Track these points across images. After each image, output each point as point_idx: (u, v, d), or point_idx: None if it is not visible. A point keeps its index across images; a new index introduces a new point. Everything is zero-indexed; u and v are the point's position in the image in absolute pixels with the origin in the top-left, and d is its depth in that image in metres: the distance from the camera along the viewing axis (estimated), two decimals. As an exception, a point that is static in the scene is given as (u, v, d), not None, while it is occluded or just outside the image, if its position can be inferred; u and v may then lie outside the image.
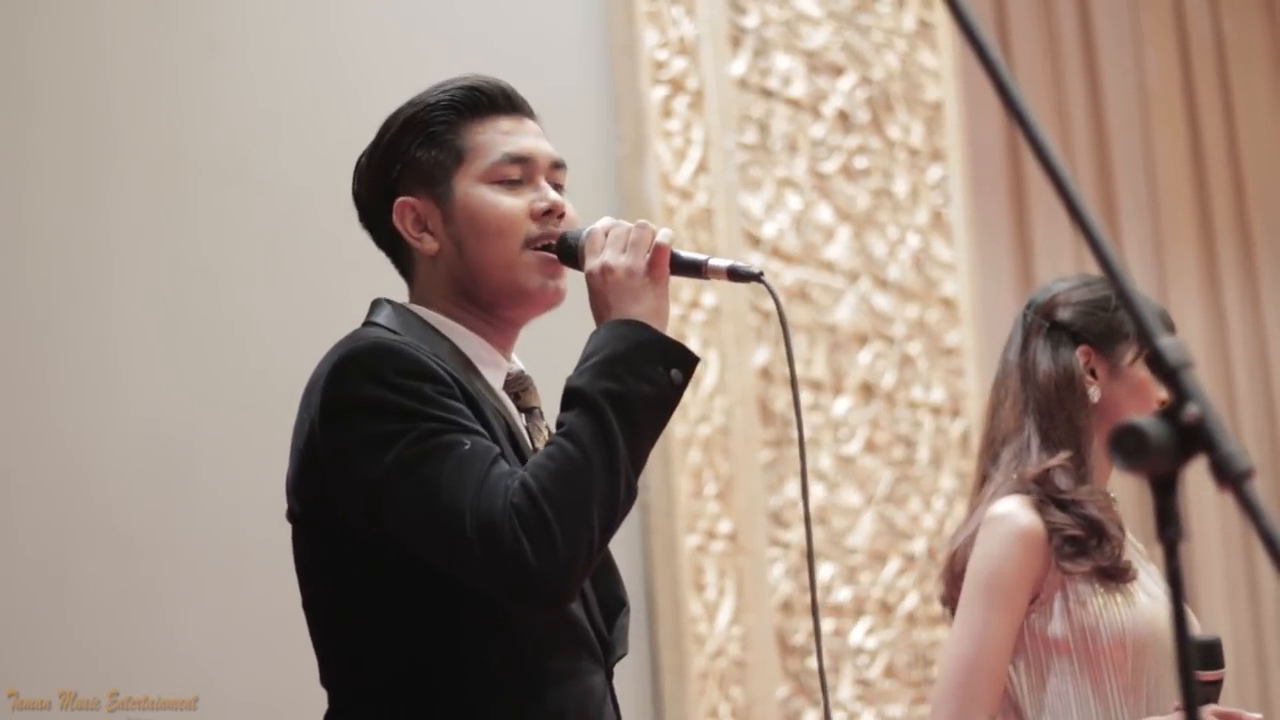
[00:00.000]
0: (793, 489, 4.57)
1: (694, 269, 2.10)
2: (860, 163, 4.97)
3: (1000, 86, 1.33)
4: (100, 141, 3.47)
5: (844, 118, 4.96)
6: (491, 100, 2.15)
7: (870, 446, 4.87)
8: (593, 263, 2.06)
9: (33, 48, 3.42)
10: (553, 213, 2.12)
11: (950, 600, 2.69)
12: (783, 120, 4.78)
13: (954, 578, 2.68)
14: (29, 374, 3.34)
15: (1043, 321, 2.74)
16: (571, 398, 1.97)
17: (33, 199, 3.39)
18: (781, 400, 4.60)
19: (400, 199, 2.13)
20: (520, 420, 2.13)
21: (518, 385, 2.15)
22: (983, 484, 2.72)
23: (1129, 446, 1.23)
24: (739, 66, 4.69)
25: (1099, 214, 6.00)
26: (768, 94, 4.76)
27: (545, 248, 2.11)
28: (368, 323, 2.12)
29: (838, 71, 4.97)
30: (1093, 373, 2.71)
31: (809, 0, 4.91)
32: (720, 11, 4.64)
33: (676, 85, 4.49)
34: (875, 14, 5.10)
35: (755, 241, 4.62)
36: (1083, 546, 2.60)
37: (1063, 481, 2.63)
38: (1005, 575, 2.59)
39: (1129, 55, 6.34)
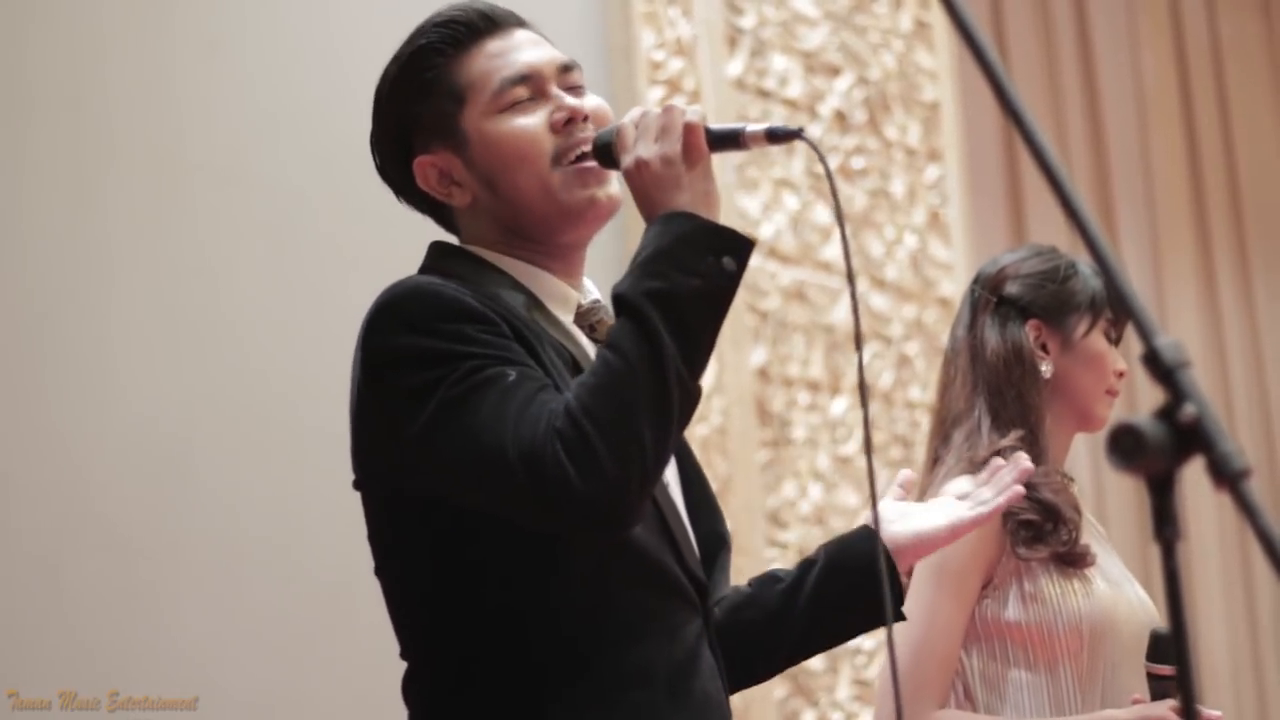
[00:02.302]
0: (790, 489, 4.57)
1: (732, 140, 1.91)
2: (857, 163, 4.98)
3: (997, 87, 1.33)
4: (100, 141, 3.47)
5: (841, 118, 4.97)
6: (470, 27, 2.00)
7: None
8: (627, 160, 1.90)
9: (33, 48, 3.42)
10: (574, 120, 1.98)
11: None
12: (779, 121, 4.79)
13: None
14: (28, 374, 3.34)
15: (990, 297, 2.64)
16: (617, 305, 1.82)
17: (33, 199, 3.39)
18: (779, 400, 4.60)
19: (417, 159, 2.00)
20: (594, 354, 1.95)
21: (591, 317, 2.00)
22: (934, 466, 2.61)
23: (1126, 446, 1.24)
24: (735, 67, 4.69)
25: (1096, 215, 6.01)
26: (764, 94, 4.77)
27: (580, 157, 1.96)
28: (423, 268, 1.99)
29: (834, 72, 4.97)
30: (1044, 347, 2.61)
31: (806, 1, 4.92)
32: (717, 12, 4.64)
33: (673, 86, 4.49)
34: (872, 14, 5.10)
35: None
36: (1038, 532, 2.50)
37: None
38: (956, 559, 2.48)
39: (1126, 57, 6.35)
